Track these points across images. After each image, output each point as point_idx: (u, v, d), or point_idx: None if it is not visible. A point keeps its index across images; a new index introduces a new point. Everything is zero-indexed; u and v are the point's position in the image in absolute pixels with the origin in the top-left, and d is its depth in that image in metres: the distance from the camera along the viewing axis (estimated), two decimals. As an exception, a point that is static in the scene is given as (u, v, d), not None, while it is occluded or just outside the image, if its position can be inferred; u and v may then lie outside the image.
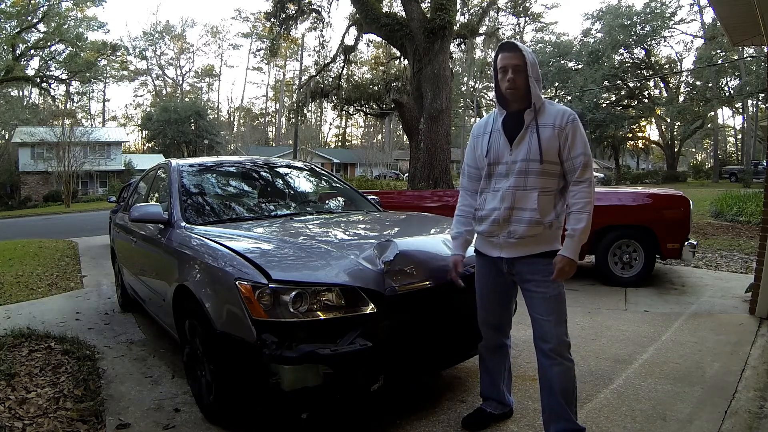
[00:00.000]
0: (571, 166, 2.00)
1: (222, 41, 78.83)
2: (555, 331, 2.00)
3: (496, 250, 2.09)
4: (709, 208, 11.52)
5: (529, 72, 1.98)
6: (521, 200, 2.00)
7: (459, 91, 40.82)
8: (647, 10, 31.43)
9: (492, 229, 2.07)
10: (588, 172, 1.99)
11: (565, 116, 2.00)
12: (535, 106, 2.02)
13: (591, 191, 1.99)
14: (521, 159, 2.01)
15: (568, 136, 1.98)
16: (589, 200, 1.98)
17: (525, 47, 2.02)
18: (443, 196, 6.13)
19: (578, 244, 1.97)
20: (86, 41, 32.25)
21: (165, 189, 3.46)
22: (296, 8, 14.32)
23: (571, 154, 1.99)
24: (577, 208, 1.98)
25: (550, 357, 2.01)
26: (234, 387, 2.20)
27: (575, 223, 1.97)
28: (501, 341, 2.28)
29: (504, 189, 2.04)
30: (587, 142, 2.03)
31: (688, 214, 4.82)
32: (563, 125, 1.99)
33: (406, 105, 11.60)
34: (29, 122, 34.20)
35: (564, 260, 1.97)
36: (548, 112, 2.02)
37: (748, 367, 2.89)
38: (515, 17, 37.82)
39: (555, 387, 2.01)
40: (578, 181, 1.99)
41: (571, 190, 2.02)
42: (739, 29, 4.68)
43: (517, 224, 2.01)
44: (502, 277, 2.14)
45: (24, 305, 4.92)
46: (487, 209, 2.09)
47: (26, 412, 2.50)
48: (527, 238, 2.00)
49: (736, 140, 47.14)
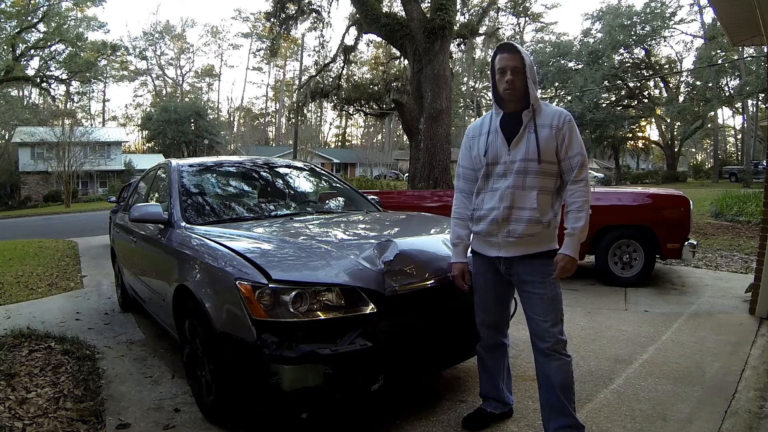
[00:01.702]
0: (568, 166, 2.04)
1: (222, 41, 78.96)
2: (552, 330, 2.03)
3: (494, 249, 2.09)
4: (709, 208, 11.52)
5: (527, 74, 2.01)
6: (520, 200, 2.02)
7: (459, 91, 40.76)
8: (647, 10, 31.42)
9: (491, 229, 2.07)
10: (584, 171, 2.03)
11: (562, 117, 2.04)
12: (533, 107, 2.04)
13: (588, 190, 2.04)
14: (520, 159, 2.03)
15: (565, 137, 2.02)
16: (587, 199, 2.02)
17: (523, 49, 2.04)
18: (443, 196, 6.14)
19: (578, 243, 2.01)
20: (86, 41, 32.29)
21: (165, 189, 3.46)
22: (296, 8, 14.31)
23: (568, 153, 2.02)
24: (576, 207, 2.01)
25: (547, 354, 2.04)
26: (234, 387, 2.20)
27: (575, 222, 2.00)
28: (499, 340, 2.29)
29: (503, 189, 2.05)
30: (582, 142, 2.08)
31: (688, 214, 4.83)
32: (560, 126, 2.02)
33: (406, 105, 11.60)
34: (29, 122, 34.21)
35: (565, 258, 2.00)
36: (545, 113, 2.05)
37: (748, 367, 2.90)
38: (515, 17, 37.81)
39: (554, 383, 2.02)
40: (575, 180, 2.03)
41: (568, 189, 2.06)
42: (739, 29, 4.68)
43: (516, 223, 2.02)
44: (500, 277, 2.15)
45: (24, 305, 4.92)
46: (485, 209, 2.10)
47: (26, 412, 2.50)
48: (526, 237, 2.02)
49: (736, 140, 47.16)
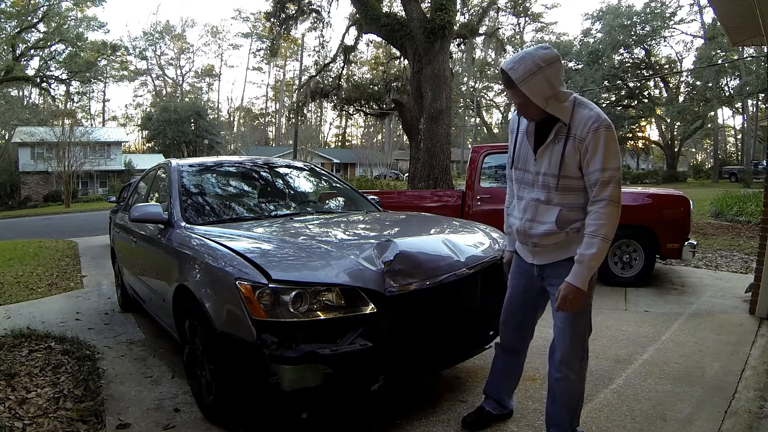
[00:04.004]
0: (588, 182, 1.79)
1: (222, 41, 78.86)
2: (567, 340, 1.90)
3: (529, 256, 2.03)
4: (709, 208, 11.52)
5: (536, 102, 1.76)
6: (542, 215, 1.89)
7: (459, 91, 40.81)
8: (647, 10, 31.46)
9: (519, 237, 2.02)
10: (606, 191, 1.74)
11: (588, 125, 1.75)
12: (563, 122, 1.80)
13: (609, 212, 1.74)
14: (543, 172, 1.88)
15: (588, 148, 1.75)
16: (605, 223, 1.74)
17: (521, 73, 1.72)
18: (443, 196, 6.13)
19: (588, 272, 1.76)
20: (86, 41, 32.35)
21: (165, 189, 3.46)
22: (296, 8, 14.33)
23: (589, 168, 1.77)
24: (590, 231, 1.77)
25: (557, 369, 1.95)
26: (234, 387, 2.20)
27: (586, 248, 1.76)
28: (517, 346, 2.22)
29: (527, 199, 1.95)
30: (612, 156, 1.75)
31: (688, 214, 4.82)
32: (584, 136, 1.76)
33: (406, 105, 11.62)
34: (29, 122, 34.21)
35: (568, 288, 1.78)
36: (575, 120, 1.79)
37: (748, 367, 2.89)
38: (515, 17, 37.91)
39: (558, 400, 1.99)
40: (594, 201, 1.78)
41: (588, 209, 1.81)
42: (739, 29, 4.68)
43: (535, 234, 1.92)
44: (533, 282, 2.06)
45: (24, 305, 4.92)
46: (514, 216, 2.04)
47: (26, 412, 2.50)
48: (551, 246, 1.91)
49: (736, 140, 47.13)
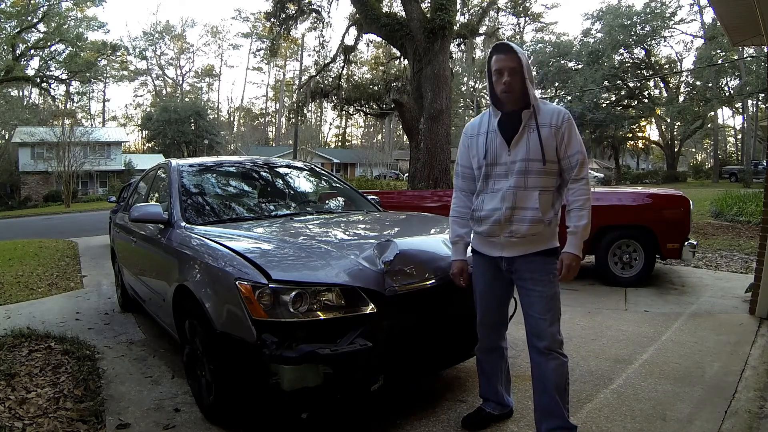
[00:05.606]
0: (568, 164, 2.04)
1: (222, 41, 78.84)
2: (550, 329, 2.02)
3: (497, 249, 2.09)
4: (709, 208, 11.52)
5: (525, 74, 1.98)
6: (522, 200, 2.01)
7: (459, 91, 40.79)
8: (647, 10, 31.43)
9: (493, 230, 2.07)
10: (585, 170, 2.04)
11: (561, 115, 2.03)
12: (533, 107, 2.02)
13: (589, 188, 2.05)
14: (521, 159, 2.02)
15: (564, 135, 2.02)
16: (588, 197, 2.03)
17: (519, 48, 2.01)
18: (443, 196, 6.13)
19: (581, 241, 2.02)
20: (86, 41, 32.31)
21: (165, 189, 3.46)
22: (296, 8, 14.31)
23: (568, 152, 2.02)
24: (578, 206, 2.02)
25: (544, 353, 2.03)
26: (234, 387, 2.21)
27: (577, 221, 2.01)
28: (497, 343, 2.28)
29: (504, 189, 2.04)
30: (581, 141, 2.08)
31: (688, 214, 4.83)
32: (559, 124, 2.01)
33: (406, 105, 11.59)
34: (29, 122, 34.19)
35: (570, 257, 2.02)
36: (544, 112, 2.04)
37: (748, 367, 2.90)
38: (515, 17, 37.92)
39: (549, 383, 2.01)
40: (576, 179, 2.03)
41: (569, 188, 2.06)
42: (739, 29, 4.68)
43: (519, 224, 2.02)
44: (501, 276, 2.15)
45: (24, 305, 4.92)
46: (486, 210, 2.09)
47: (26, 412, 2.50)
48: (529, 237, 2.02)
49: (736, 140, 47.15)
